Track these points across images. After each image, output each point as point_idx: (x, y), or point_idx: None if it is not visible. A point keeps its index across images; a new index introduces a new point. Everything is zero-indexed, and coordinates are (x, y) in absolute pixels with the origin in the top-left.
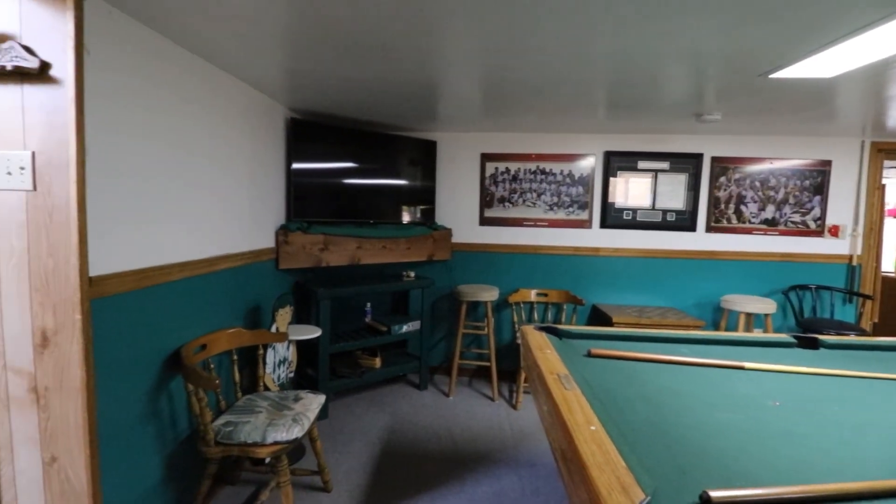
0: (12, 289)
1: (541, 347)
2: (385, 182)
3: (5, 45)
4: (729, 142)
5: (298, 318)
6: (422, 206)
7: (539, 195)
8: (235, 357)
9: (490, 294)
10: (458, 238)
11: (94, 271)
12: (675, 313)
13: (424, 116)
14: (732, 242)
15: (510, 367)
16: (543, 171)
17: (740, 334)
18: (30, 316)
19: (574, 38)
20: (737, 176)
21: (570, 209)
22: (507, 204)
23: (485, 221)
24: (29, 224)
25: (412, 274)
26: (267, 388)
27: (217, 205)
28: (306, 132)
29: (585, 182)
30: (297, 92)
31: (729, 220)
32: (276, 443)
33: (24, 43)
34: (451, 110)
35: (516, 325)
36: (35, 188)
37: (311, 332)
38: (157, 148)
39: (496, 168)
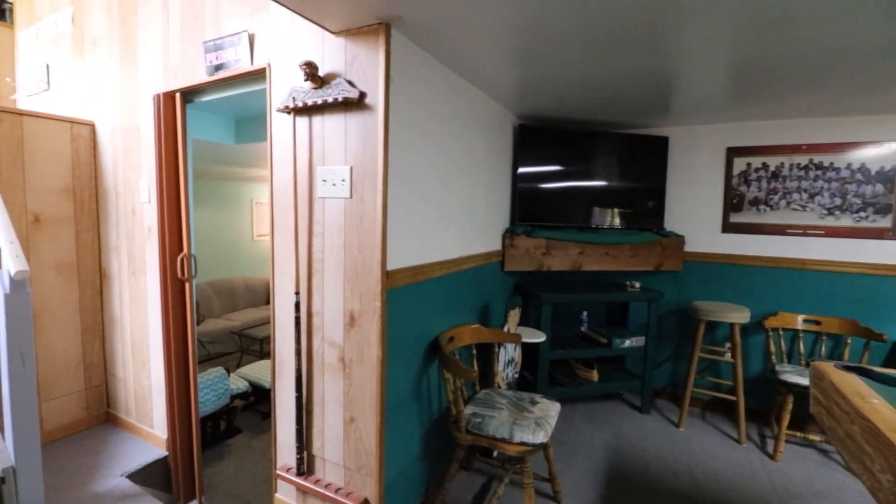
0: (331, 277)
1: (861, 395)
2: (609, 184)
3: (335, 81)
4: None
5: None
6: (649, 210)
7: (812, 196)
8: (475, 352)
9: (739, 315)
10: (692, 246)
11: (389, 266)
12: None
13: (655, 110)
14: None
15: (758, 404)
16: (819, 166)
17: None
18: (342, 300)
19: None
20: None
21: (862, 214)
22: (762, 207)
23: (730, 228)
24: (346, 225)
25: (637, 284)
26: (498, 386)
27: (465, 209)
28: (531, 137)
29: (888, 178)
30: (525, 99)
31: None
32: (522, 443)
33: (348, 78)
34: (690, 100)
35: (773, 356)
36: (351, 196)
37: (537, 336)
38: (427, 160)
39: (748, 164)
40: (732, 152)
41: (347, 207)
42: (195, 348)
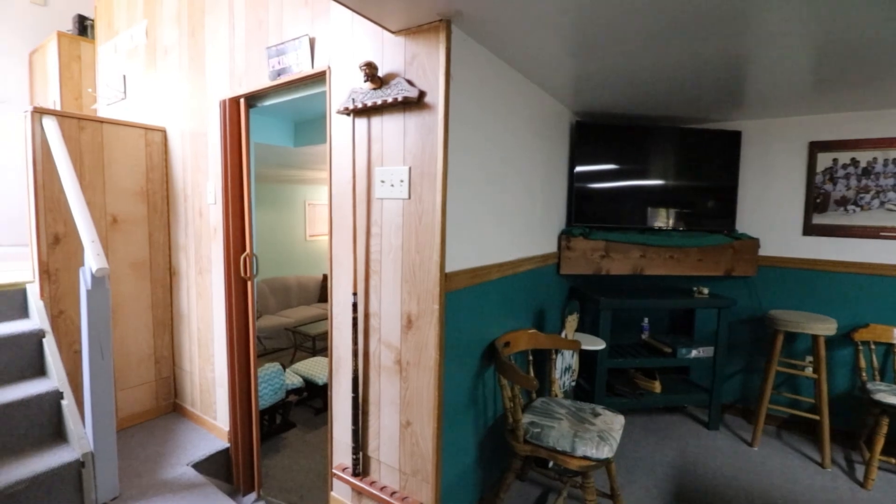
0: (389, 278)
1: None
2: (673, 183)
3: (394, 81)
4: None
5: None
6: (719, 211)
7: None
8: (531, 358)
9: (824, 326)
10: (767, 250)
11: (447, 268)
12: None
13: (727, 103)
14: None
15: (844, 425)
16: None
17: None
18: (399, 302)
19: None
20: None
21: None
22: (851, 207)
23: (812, 230)
24: (404, 226)
25: (705, 290)
26: (555, 394)
27: (521, 209)
28: (590, 134)
29: None
30: (584, 93)
31: None
32: (585, 457)
33: (407, 77)
34: (768, 91)
35: (864, 373)
36: (409, 197)
37: (596, 343)
38: (484, 159)
39: (834, 160)
40: (816, 147)
41: (405, 208)
42: (255, 344)
